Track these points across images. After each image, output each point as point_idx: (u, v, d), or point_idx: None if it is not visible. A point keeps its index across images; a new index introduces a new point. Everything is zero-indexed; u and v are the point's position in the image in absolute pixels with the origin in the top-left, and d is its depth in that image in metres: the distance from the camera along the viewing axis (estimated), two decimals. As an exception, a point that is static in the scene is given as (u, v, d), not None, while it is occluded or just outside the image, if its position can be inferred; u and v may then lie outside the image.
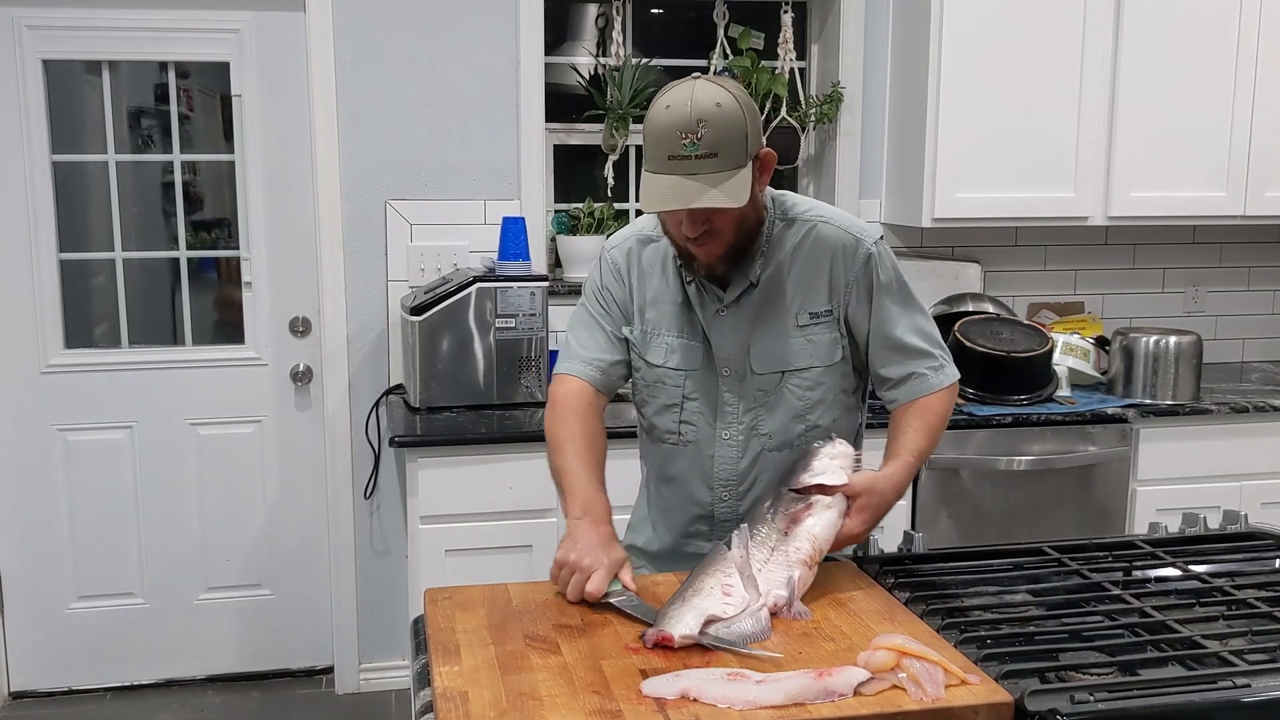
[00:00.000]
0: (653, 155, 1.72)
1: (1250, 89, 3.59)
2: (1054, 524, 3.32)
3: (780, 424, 1.91)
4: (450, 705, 1.36)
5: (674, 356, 1.93)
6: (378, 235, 3.51)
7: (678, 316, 1.93)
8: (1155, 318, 3.99)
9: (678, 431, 1.96)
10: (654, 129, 1.72)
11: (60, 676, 3.63)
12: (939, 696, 1.35)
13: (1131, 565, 1.84)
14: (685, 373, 1.93)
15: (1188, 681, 1.41)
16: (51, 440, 3.53)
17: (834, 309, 1.90)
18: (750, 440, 1.92)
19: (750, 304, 1.89)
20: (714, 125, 1.69)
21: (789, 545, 1.69)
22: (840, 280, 1.89)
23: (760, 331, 1.89)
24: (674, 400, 1.94)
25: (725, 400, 1.92)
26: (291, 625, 3.74)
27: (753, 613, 1.56)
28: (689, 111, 1.69)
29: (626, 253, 1.99)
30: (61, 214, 3.47)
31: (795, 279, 1.89)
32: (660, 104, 1.73)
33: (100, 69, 3.45)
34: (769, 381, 1.90)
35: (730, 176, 1.70)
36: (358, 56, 3.44)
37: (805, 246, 1.89)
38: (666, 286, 1.94)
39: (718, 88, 1.73)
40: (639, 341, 1.96)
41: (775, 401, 1.91)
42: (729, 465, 1.94)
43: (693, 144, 1.68)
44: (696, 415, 1.94)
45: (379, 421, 3.55)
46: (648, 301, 1.96)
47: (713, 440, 1.94)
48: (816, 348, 1.90)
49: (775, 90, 3.65)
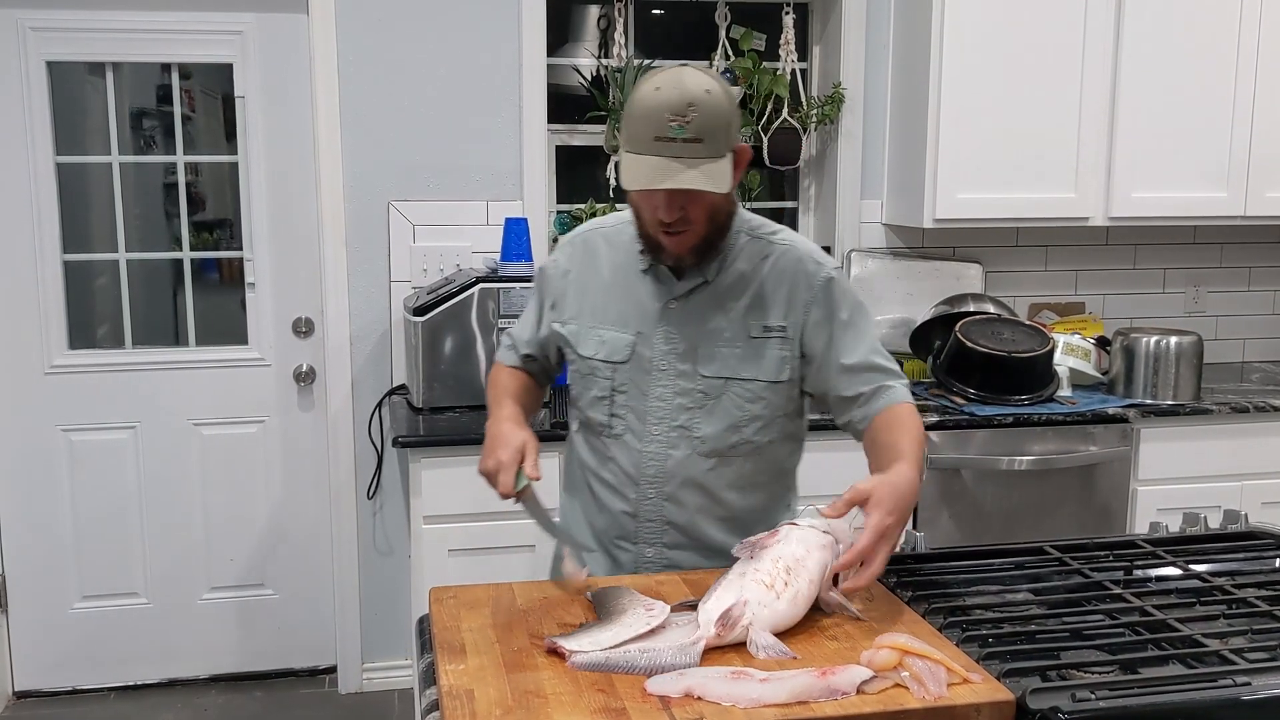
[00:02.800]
0: (637, 135, 1.71)
1: (1251, 89, 3.60)
2: (1055, 524, 3.33)
3: (715, 430, 1.90)
4: (456, 703, 1.37)
5: (603, 348, 1.93)
6: (380, 236, 3.52)
7: (618, 309, 1.92)
8: (1156, 318, 4.00)
9: (609, 424, 1.94)
10: (641, 109, 1.71)
11: (64, 676, 3.64)
12: (941, 695, 1.36)
13: (1132, 564, 1.84)
14: (614, 365, 1.92)
15: (1188, 680, 1.42)
16: (55, 441, 3.54)
17: (789, 327, 1.89)
18: (681, 440, 1.90)
19: (702, 303, 1.89)
20: (703, 111, 1.69)
21: (747, 566, 1.60)
22: (800, 299, 1.89)
23: (711, 335, 1.88)
24: (604, 392, 1.93)
25: (658, 396, 1.90)
26: (294, 625, 3.74)
27: (681, 644, 1.48)
28: (680, 95, 1.68)
29: (572, 246, 2.01)
30: (65, 215, 3.48)
31: (753, 291, 1.89)
32: (649, 85, 1.72)
33: (103, 70, 3.46)
34: (712, 386, 1.89)
35: (714, 163, 1.71)
36: (360, 58, 3.45)
37: (767, 263, 1.90)
38: (615, 279, 1.94)
39: (707, 76, 1.74)
40: (573, 335, 1.96)
41: (714, 407, 1.89)
42: (656, 461, 1.92)
43: (680, 127, 1.68)
44: (625, 409, 1.92)
45: (382, 422, 3.56)
46: (588, 293, 1.96)
47: (643, 435, 1.92)
48: (765, 362, 1.89)
49: (777, 91, 3.66)
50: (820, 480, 3.20)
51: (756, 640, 1.50)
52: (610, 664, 1.44)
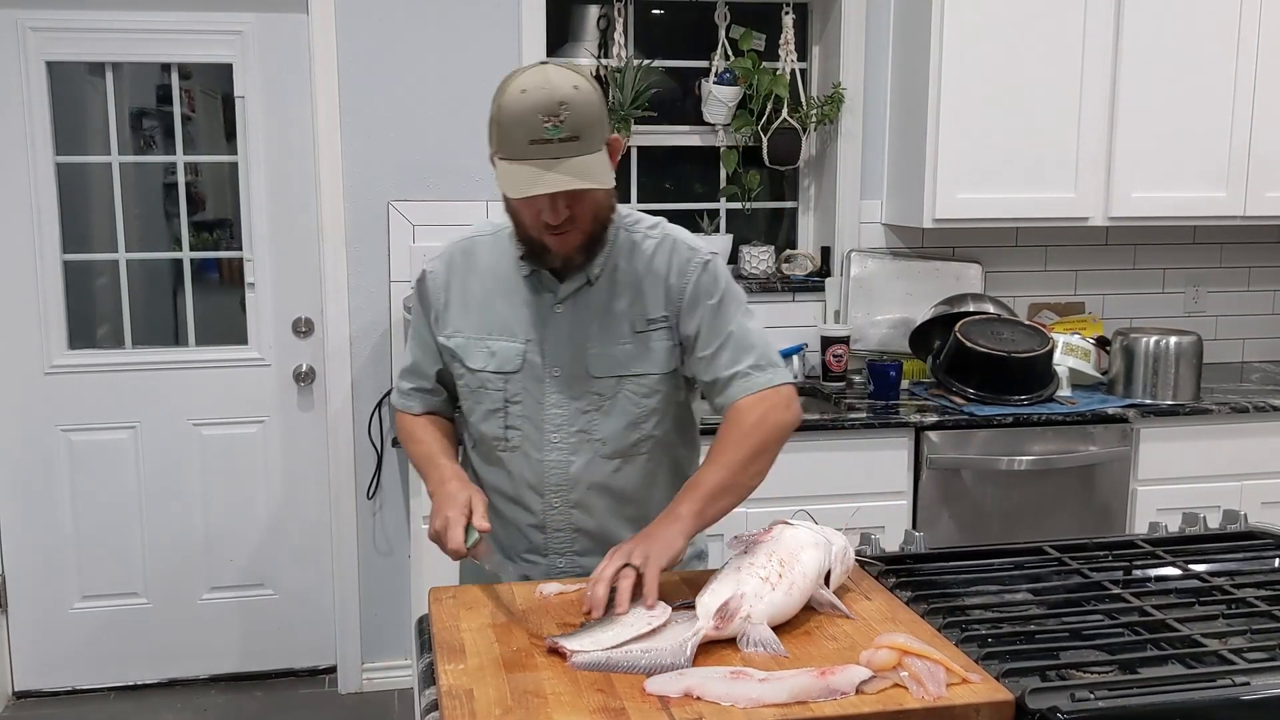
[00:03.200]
0: (510, 141, 1.68)
1: (1250, 89, 3.60)
2: (1055, 523, 3.33)
3: (615, 430, 1.87)
4: (456, 703, 1.37)
5: (494, 360, 1.88)
6: (380, 236, 3.52)
7: (503, 318, 1.88)
8: (1156, 318, 4.00)
9: (505, 437, 1.90)
10: (511, 114, 1.67)
11: (64, 676, 3.64)
12: (940, 695, 1.36)
13: (1131, 564, 1.84)
14: (505, 375, 1.87)
15: (1187, 680, 1.42)
16: (55, 441, 3.54)
17: (669, 315, 1.87)
18: (582, 444, 1.87)
19: (586, 305, 1.86)
20: (574, 107, 1.66)
21: (741, 561, 1.61)
22: (675, 287, 1.86)
23: (598, 335, 1.85)
24: (497, 405, 1.89)
25: (553, 402, 1.87)
26: (294, 625, 3.75)
27: (680, 640, 1.48)
28: (549, 93, 1.65)
29: (448, 260, 1.94)
30: (65, 215, 3.48)
31: (634, 285, 1.86)
32: (514, 88, 1.68)
33: (103, 70, 3.46)
34: (606, 386, 1.86)
35: (594, 160, 1.69)
36: (360, 58, 3.45)
37: (645, 255, 1.87)
38: (495, 288, 1.90)
39: (571, 72, 1.71)
40: (460, 349, 1.91)
41: (611, 407, 1.86)
42: (559, 469, 1.88)
43: (555, 127, 1.65)
44: (521, 419, 1.88)
45: (382, 422, 3.56)
46: (470, 306, 1.91)
47: (541, 444, 1.88)
48: (654, 354, 1.87)
49: (776, 91, 3.66)
50: (821, 480, 3.22)
51: (750, 635, 1.50)
52: (611, 664, 1.45)
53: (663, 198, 3.85)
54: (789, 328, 3.75)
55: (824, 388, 3.60)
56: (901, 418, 3.27)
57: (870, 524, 2.89)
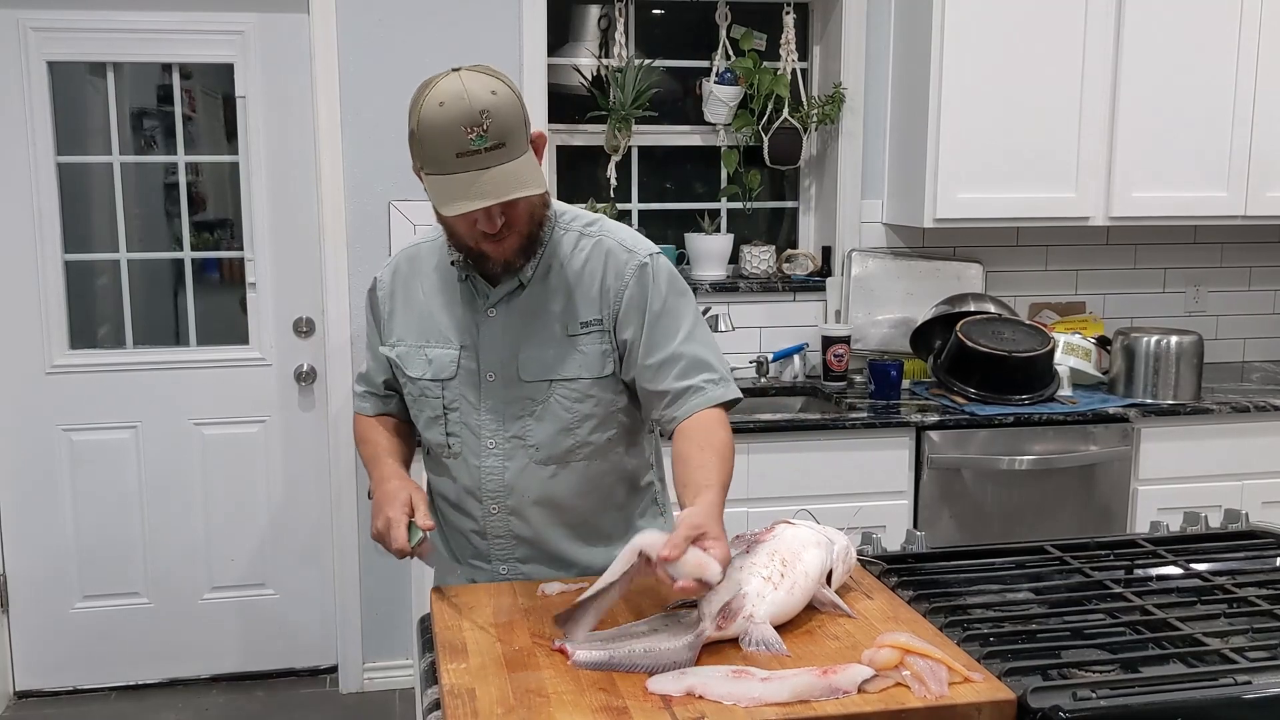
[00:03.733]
0: (436, 156, 1.65)
1: (1251, 89, 3.60)
2: (1056, 523, 3.33)
3: (548, 435, 1.84)
4: (458, 702, 1.37)
5: (430, 367, 1.87)
6: (381, 236, 3.52)
7: (441, 325, 1.87)
8: (1156, 318, 4.00)
9: (446, 444, 1.88)
10: (433, 129, 1.63)
11: (65, 676, 3.64)
12: (943, 694, 1.36)
13: (1133, 564, 1.85)
14: (442, 382, 1.86)
15: (1189, 679, 1.42)
16: (56, 440, 3.54)
17: (604, 319, 1.82)
18: (516, 450, 1.85)
19: (519, 308, 1.83)
20: (496, 115, 1.63)
21: (744, 561, 1.61)
22: (611, 290, 1.82)
23: (529, 338, 1.82)
24: (436, 412, 1.87)
25: (488, 408, 1.84)
26: (295, 625, 3.75)
27: (683, 640, 1.47)
28: (468, 104, 1.62)
29: (393, 268, 1.94)
30: (66, 215, 3.48)
31: (567, 287, 1.82)
32: (430, 101, 1.64)
33: (104, 70, 3.46)
34: (537, 390, 1.82)
35: (524, 163, 1.67)
36: (361, 58, 3.45)
37: (579, 256, 1.83)
38: (435, 294, 1.88)
39: (485, 75, 1.68)
40: (401, 358, 1.90)
41: (543, 412, 1.83)
42: (495, 475, 1.86)
43: (480, 137, 1.62)
44: (460, 426, 1.86)
45: (382, 421, 3.56)
46: (412, 313, 1.90)
47: (479, 450, 1.86)
48: (586, 358, 1.82)
49: (777, 91, 3.66)
50: (823, 479, 3.22)
51: (753, 634, 1.50)
52: (613, 663, 1.45)
53: (663, 198, 3.85)
54: (790, 327, 3.76)
55: (825, 387, 3.60)
56: (902, 417, 3.27)
57: (871, 523, 2.89)
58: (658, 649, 1.46)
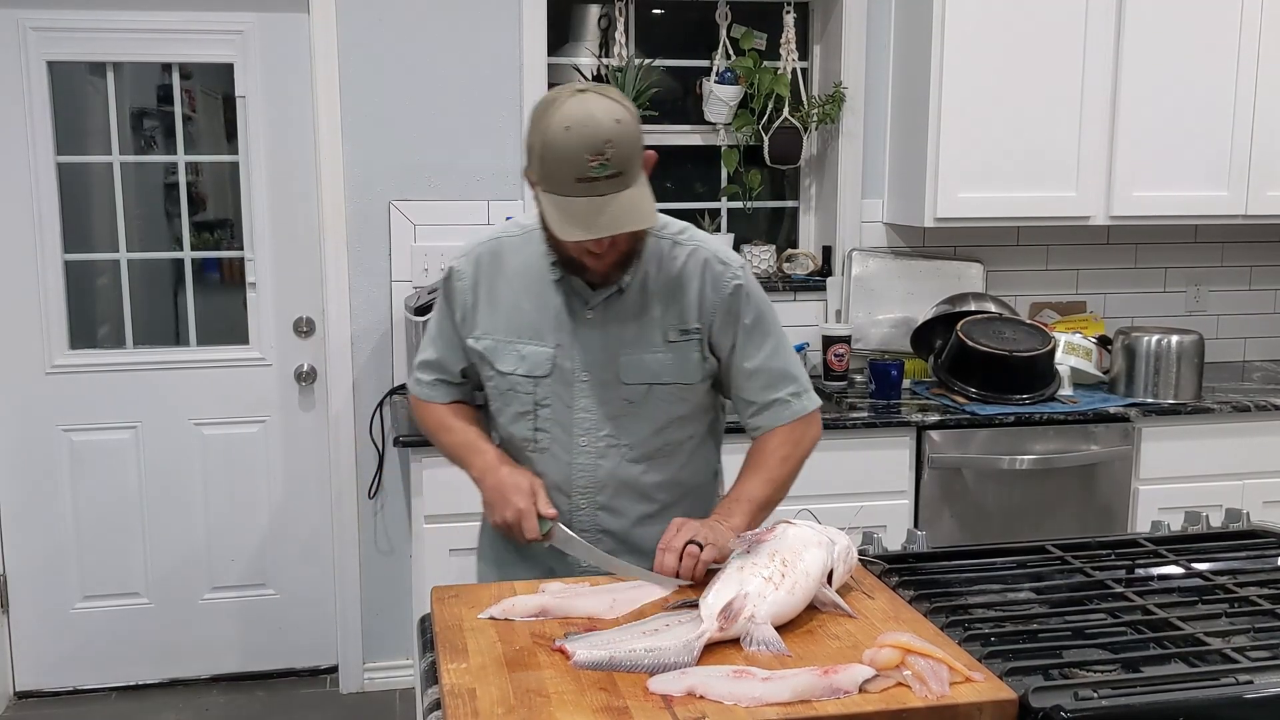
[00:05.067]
0: (555, 177, 1.67)
1: (1252, 88, 3.60)
2: (1057, 523, 3.33)
3: (642, 435, 1.91)
4: (458, 702, 1.37)
5: (524, 363, 1.90)
6: (381, 236, 3.52)
7: (533, 322, 1.90)
8: (1157, 317, 4.00)
9: (534, 439, 1.93)
10: (556, 152, 1.66)
11: (65, 676, 3.64)
12: (944, 694, 1.36)
13: (1134, 563, 1.84)
14: (535, 379, 1.90)
15: (1190, 679, 1.42)
16: (56, 441, 3.54)
17: (701, 328, 1.90)
18: (609, 449, 1.91)
19: (618, 312, 1.88)
20: (619, 144, 1.66)
21: (745, 560, 1.61)
22: (708, 302, 1.89)
23: (630, 342, 1.88)
24: (527, 408, 1.92)
25: (582, 406, 1.90)
26: (296, 625, 3.74)
27: (684, 640, 1.47)
28: (593, 132, 1.64)
29: (475, 260, 1.96)
30: (66, 215, 3.48)
31: (665, 295, 1.88)
32: (558, 124, 1.66)
33: (104, 70, 3.45)
34: (636, 393, 1.89)
35: (640, 193, 1.70)
36: (361, 58, 3.45)
37: (675, 265, 1.89)
38: (525, 291, 1.91)
39: (610, 102, 1.69)
40: (489, 351, 1.93)
41: (640, 413, 1.90)
42: (587, 472, 1.92)
43: (602, 165, 1.65)
44: (550, 422, 1.91)
45: (383, 421, 3.56)
46: (500, 308, 1.92)
47: (570, 447, 1.91)
48: (685, 364, 1.90)
49: (778, 90, 3.66)
50: (823, 479, 3.21)
51: (754, 634, 1.50)
52: (614, 663, 1.44)
53: (664, 197, 3.85)
54: (790, 327, 3.66)
55: (825, 387, 3.60)
56: (903, 417, 3.27)
57: (872, 523, 2.88)
58: (659, 649, 1.46)
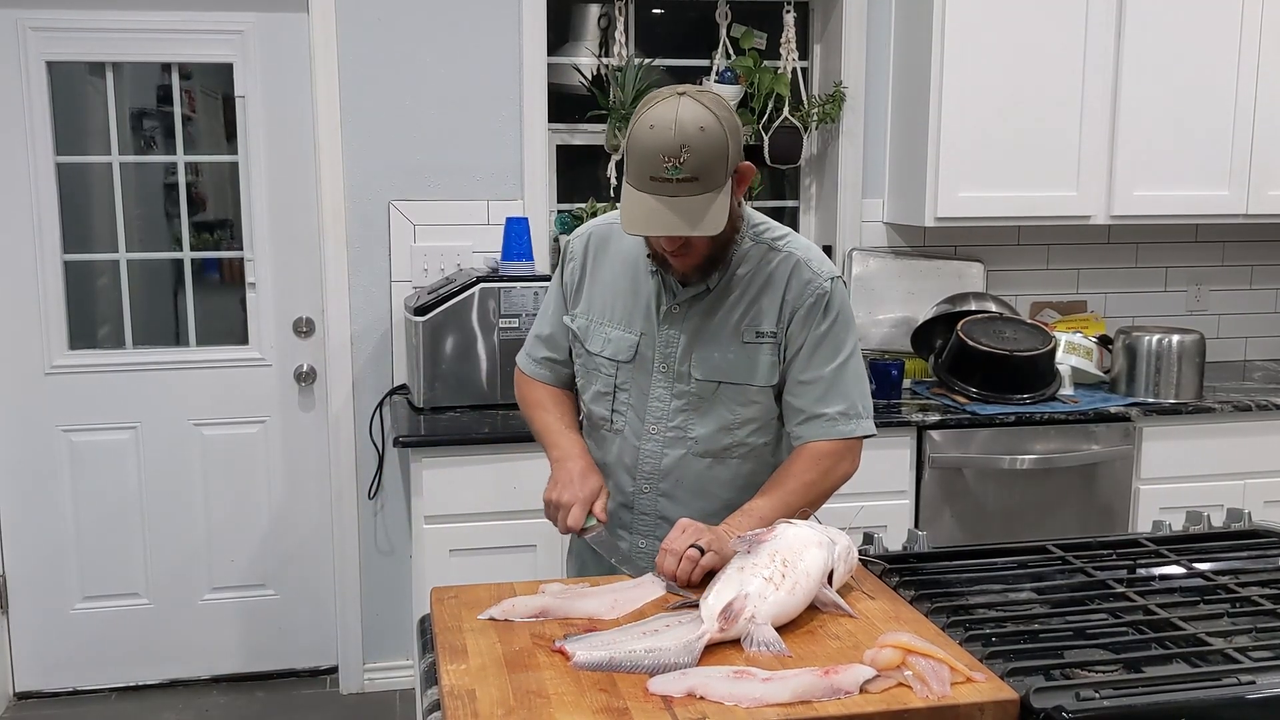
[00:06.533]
0: (635, 171, 1.73)
1: (1253, 87, 3.60)
2: (1058, 523, 3.32)
3: (709, 432, 1.94)
4: (458, 703, 1.37)
5: (609, 346, 1.97)
6: (381, 236, 3.52)
7: (625, 307, 1.96)
8: (1158, 316, 3.99)
9: (610, 420, 2.00)
10: (637, 147, 1.72)
11: (65, 677, 3.64)
12: (945, 694, 1.36)
13: (1135, 563, 1.84)
14: (617, 363, 1.97)
15: (1192, 679, 1.42)
16: (56, 441, 3.53)
17: (778, 332, 1.91)
18: (677, 440, 1.96)
19: (702, 309, 1.92)
20: (696, 151, 1.68)
21: (745, 561, 1.62)
22: (789, 305, 1.91)
23: (706, 339, 1.91)
24: (607, 389, 1.99)
25: (656, 396, 1.95)
26: (296, 625, 3.74)
27: (685, 641, 1.47)
28: (673, 135, 1.68)
29: (586, 240, 2.04)
30: (65, 215, 3.48)
31: (750, 296, 1.91)
32: (644, 121, 1.72)
33: (104, 70, 3.45)
34: (705, 389, 1.93)
35: (710, 202, 1.71)
36: (361, 58, 3.45)
37: (767, 269, 1.92)
38: (624, 276, 1.97)
39: (702, 108, 1.71)
40: (581, 330, 2.01)
41: (707, 409, 1.93)
42: (653, 459, 1.98)
43: (674, 168, 1.69)
44: (626, 406, 1.98)
45: (383, 422, 3.56)
46: (598, 290, 2.00)
47: (641, 433, 1.98)
48: (757, 366, 1.92)
49: (778, 90, 3.65)
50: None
51: (755, 635, 1.50)
52: (614, 664, 1.44)
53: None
54: None
55: (826, 387, 3.59)
56: (904, 417, 3.27)
57: (873, 523, 2.87)
58: (659, 649, 1.46)
